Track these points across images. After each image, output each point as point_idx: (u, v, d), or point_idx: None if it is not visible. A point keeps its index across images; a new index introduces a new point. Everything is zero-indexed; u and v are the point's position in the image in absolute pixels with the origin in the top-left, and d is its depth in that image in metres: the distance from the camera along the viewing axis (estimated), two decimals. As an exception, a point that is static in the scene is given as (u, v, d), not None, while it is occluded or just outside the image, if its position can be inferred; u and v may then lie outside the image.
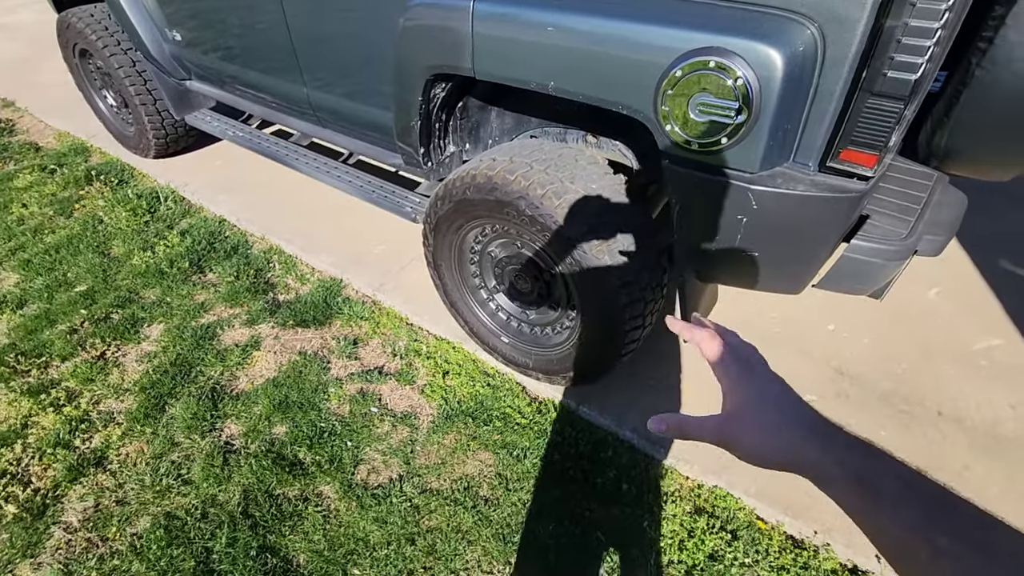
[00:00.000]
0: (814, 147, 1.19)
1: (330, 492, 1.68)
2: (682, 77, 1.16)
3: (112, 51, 2.82)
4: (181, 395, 1.94)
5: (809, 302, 2.23)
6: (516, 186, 1.52)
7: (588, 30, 1.26)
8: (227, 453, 1.77)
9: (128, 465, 1.73)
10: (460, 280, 1.96)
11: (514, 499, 1.67)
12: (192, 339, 2.15)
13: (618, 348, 1.64)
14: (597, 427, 1.85)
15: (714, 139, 1.19)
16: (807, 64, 1.09)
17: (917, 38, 1.00)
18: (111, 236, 2.70)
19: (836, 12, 1.04)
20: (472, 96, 1.89)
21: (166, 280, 2.44)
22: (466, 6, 1.43)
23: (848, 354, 2.03)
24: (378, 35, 1.77)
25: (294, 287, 2.46)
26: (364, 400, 1.95)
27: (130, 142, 3.30)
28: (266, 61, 2.31)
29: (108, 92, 3.27)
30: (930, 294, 2.26)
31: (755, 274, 1.40)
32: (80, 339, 2.15)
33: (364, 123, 2.13)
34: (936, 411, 1.85)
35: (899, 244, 1.29)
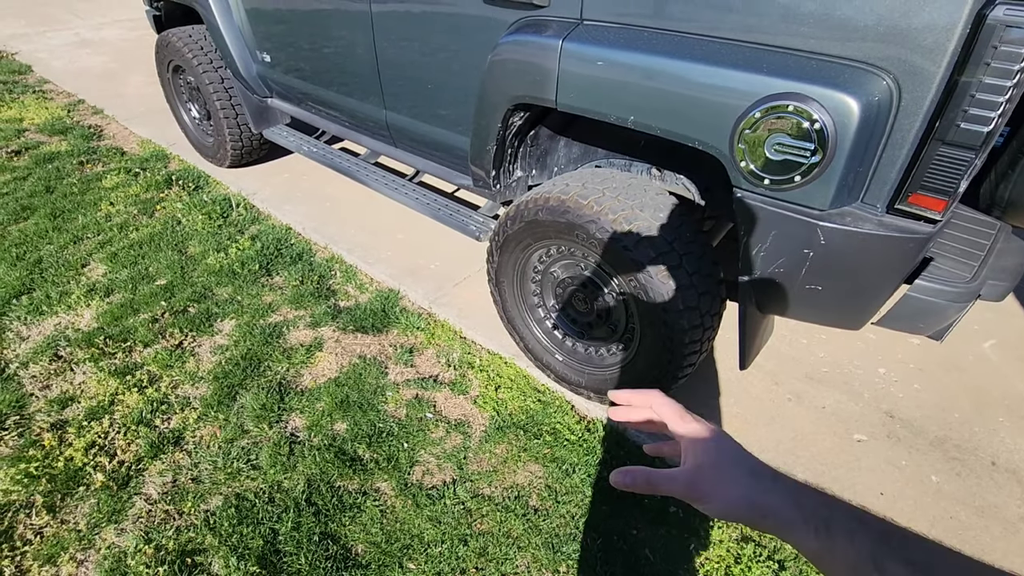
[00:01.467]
0: (884, 190, 1.26)
1: (387, 489, 1.76)
2: (761, 118, 1.25)
3: (205, 68, 3.08)
4: (251, 387, 2.06)
5: (860, 345, 2.26)
6: (588, 210, 1.62)
7: (671, 71, 1.37)
8: (292, 444, 1.87)
9: (202, 447, 1.85)
10: (520, 297, 2.06)
11: (563, 511, 1.72)
12: (261, 336, 2.28)
13: (674, 372, 1.70)
14: (645, 449, 1.89)
15: (788, 176, 1.27)
16: (882, 112, 1.18)
17: (991, 94, 1.08)
18: (188, 236, 2.90)
19: (913, 65, 1.13)
20: (544, 125, 2.02)
21: (237, 280, 2.60)
22: (555, 44, 1.57)
23: (899, 398, 2.04)
24: (465, 66, 1.92)
25: (354, 295, 2.59)
26: (420, 405, 2.03)
27: (208, 151, 3.55)
28: (349, 83, 2.50)
29: (193, 105, 3.54)
30: (984, 346, 2.26)
31: (817, 307, 1.45)
32: (160, 328, 2.30)
33: (438, 145, 2.28)
34: (990, 461, 1.84)
35: (962, 287, 1.33)
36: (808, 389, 2.08)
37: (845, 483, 1.77)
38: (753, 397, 2.05)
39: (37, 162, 3.55)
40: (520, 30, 1.68)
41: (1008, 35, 1.03)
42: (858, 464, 1.82)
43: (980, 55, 1.06)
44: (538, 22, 1.66)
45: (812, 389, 2.08)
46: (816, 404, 2.02)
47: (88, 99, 4.57)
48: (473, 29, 1.84)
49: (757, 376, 2.13)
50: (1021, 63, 1.04)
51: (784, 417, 1.98)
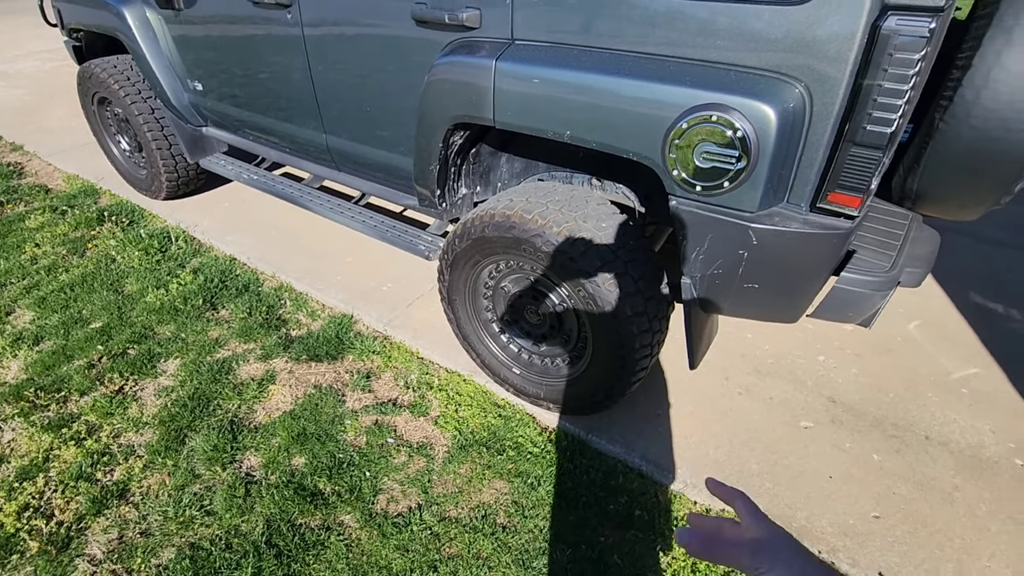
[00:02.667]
0: (805, 190, 1.34)
1: (351, 521, 1.72)
2: (688, 128, 1.31)
3: (133, 99, 2.96)
4: (200, 428, 1.97)
5: (800, 335, 2.37)
6: (533, 224, 1.65)
7: (602, 87, 1.42)
8: (248, 484, 1.80)
9: (150, 497, 1.75)
10: (473, 313, 2.06)
11: (531, 526, 1.72)
12: (209, 373, 2.20)
13: (628, 376, 1.74)
14: (607, 455, 1.93)
15: (717, 182, 1.33)
16: (797, 118, 1.26)
17: (891, 97, 1.16)
18: (124, 274, 2.76)
19: (821, 73, 1.21)
20: (485, 143, 2.04)
21: (180, 316, 2.49)
22: (488, 64, 1.59)
23: (839, 383, 2.15)
24: (402, 88, 1.93)
25: (305, 323, 2.53)
26: (380, 431, 2.00)
27: (141, 184, 3.41)
28: (287, 110, 2.45)
29: (123, 137, 3.39)
30: (910, 327, 2.42)
31: (755, 305, 1.52)
32: (98, 374, 2.18)
33: (381, 167, 2.26)
34: (924, 436, 1.96)
35: (884, 276, 1.43)
36: (757, 382, 2.16)
37: (796, 470, 1.84)
38: (706, 394, 2.12)
39: (-50, 206, 3.32)
40: (454, 51, 1.70)
41: (900, 42, 1.12)
42: (806, 450, 1.90)
43: (878, 62, 1.15)
44: (471, 43, 1.68)
45: (760, 381, 2.17)
46: (765, 396, 2.11)
47: (5, 135, 4.31)
48: (408, 51, 1.85)
49: (708, 373, 2.20)
50: (915, 68, 1.13)
51: (736, 411, 2.05)
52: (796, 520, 1.70)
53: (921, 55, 1.12)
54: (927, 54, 1.13)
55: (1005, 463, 1.86)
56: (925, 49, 1.11)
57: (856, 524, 1.69)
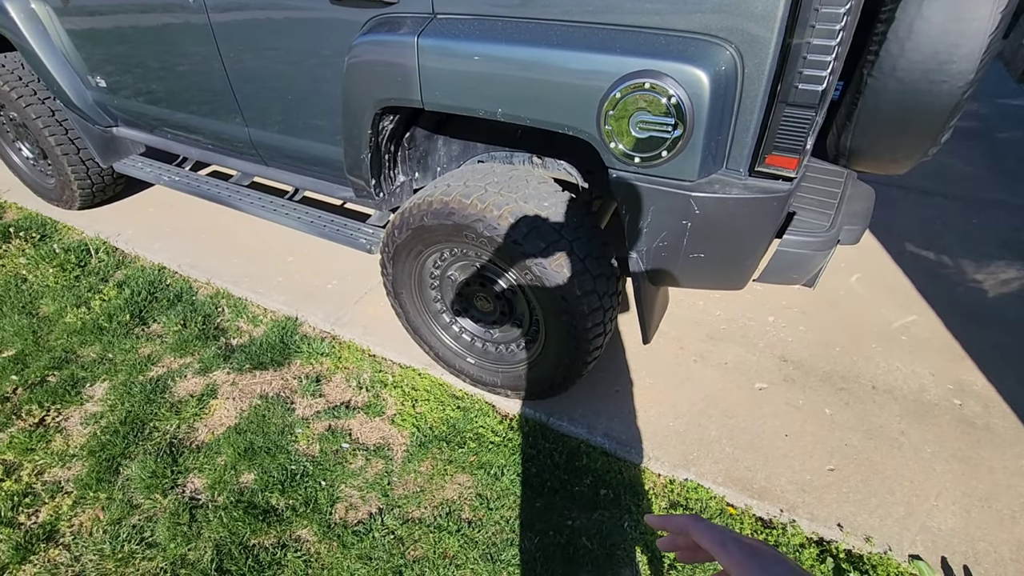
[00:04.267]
0: (743, 155, 1.32)
1: (308, 535, 1.64)
2: (621, 98, 1.26)
3: (28, 101, 2.69)
4: (136, 454, 1.83)
5: (749, 298, 2.40)
6: (472, 209, 1.57)
7: (530, 59, 1.35)
8: (193, 509, 1.68)
9: (83, 536, 1.62)
10: (422, 306, 1.98)
11: (497, 517, 1.68)
12: (141, 394, 2.04)
13: (583, 356, 1.70)
14: (569, 437, 1.90)
15: (655, 152, 1.29)
16: (730, 81, 1.22)
17: (820, 54, 1.14)
18: (38, 295, 2.53)
19: (750, 34, 1.18)
20: (419, 126, 1.94)
21: (106, 336, 2.31)
22: (410, 41, 1.49)
23: (789, 342, 2.20)
24: (322, 72, 1.80)
25: (247, 330, 2.39)
26: (334, 437, 1.91)
27: (51, 194, 3.12)
28: (202, 103, 2.27)
29: (23, 144, 3.09)
30: (851, 280, 2.49)
31: (703, 274, 1.51)
32: (14, 407, 1.99)
33: (311, 159, 2.13)
34: (871, 386, 2.02)
35: (824, 235, 1.43)
36: (711, 348, 2.18)
37: (754, 432, 1.87)
38: (663, 365, 2.12)
39: None
40: (373, 29, 1.59)
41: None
42: (762, 411, 1.93)
43: (805, 19, 1.12)
44: (391, 20, 1.57)
45: (714, 347, 2.19)
46: (720, 361, 2.13)
47: None
48: (323, 32, 1.72)
49: (664, 344, 2.20)
50: (841, 23, 1.11)
51: (693, 379, 2.06)
52: (756, 481, 1.73)
53: (847, 8, 1.09)
54: (852, 7, 1.11)
55: (945, 405, 1.95)
56: (850, 3, 1.09)
57: (813, 479, 1.73)
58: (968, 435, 1.85)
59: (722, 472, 1.76)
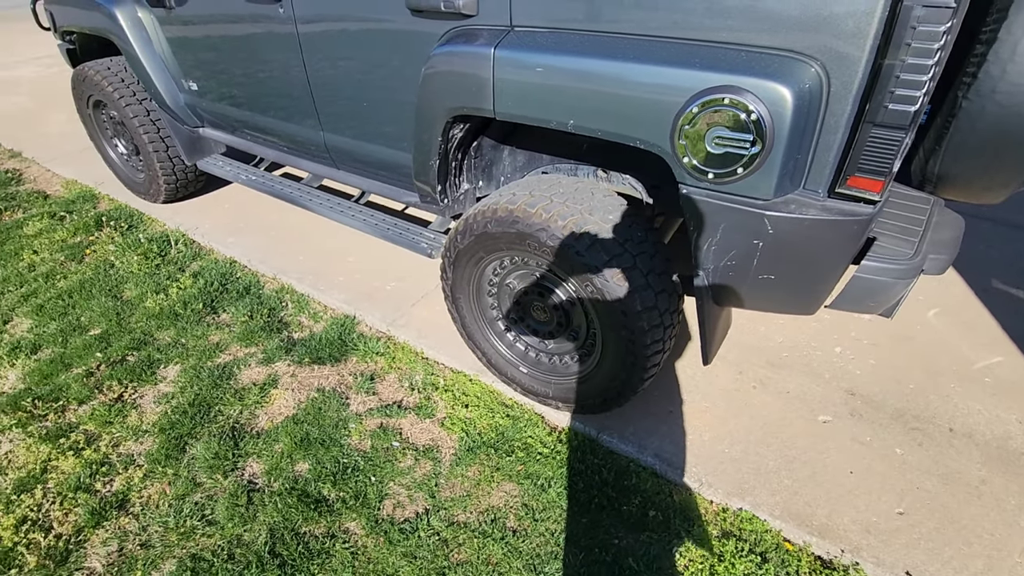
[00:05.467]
0: (823, 174, 1.27)
1: (357, 528, 1.67)
2: (698, 113, 1.24)
3: (128, 101, 2.92)
4: (201, 435, 1.93)
5: (815, 326, 2.30)
6: (537, 218, 1.59)
7: (606, 72, 1.35)
8: (250, 492, 1.75)
9: (151, 507, 1.71)
10: (478, 312, 2.01)
11: (542, 529, 1.67)
12: (209, 379, 2.15)
13: (640, 373, 1.68)
14: (618, 454, 1.87)
15: (730, 168, 1.27)
16: (814, 99, 1.19)
17: (914, 74, 1.10)
18: (123, 280, 2.72)
19: (839, 52, 1.14)
20: (486, 136, 1.98)
21: (180, 321, 2.45)
22: (487, 53, 1.53)
23: (857, 375, 2.09)
24: (398, 81, 1.87)
25: (308, 325, 2.49)
26: (385, 435, 1.95)
27: (140, 188, 3.37)
28: (283, 108, 2.40)
29: (119, 141, 3.36)
30: (929, 315, 2.34)
31: (772, 296, 1.46)
32: (97, 382, 2.14)
33: (381, 164, 2.21)
34: (947, 428, 1.89)
35: (907, 263, 1.36)
36: (771, 375, 2.10)
37: (816, 466, 1.78)
38: (720, 389, 2.06)
39: (-52, 215, 3.29)
40: (451, 41, 1.64)
41: (924, 15, 1.05)
42: (826, 446, 1.84)
43: (901, 37, 1.08)
44: (468, 31, 1.62)
45: (775, 375, 2.10)
46: (781, 389, 2.04)
47: (4, 142, 4.28)
48: (403, 43, 1.79)
49: (721, 368, 2.14)
50: (940, 42, 1.07)
51: (752, 406, 1.99)
52: (817, 518, 1.64)
53: (946, 28, 1.05)
54: (952, 27, 1.06)
55: (1033, 455, 1.79)
56: (951, 21, 1.05)
57: (880, 521, 1.63)
58: (1059, 490, 1.69)
59: (780, 505, 1.68)
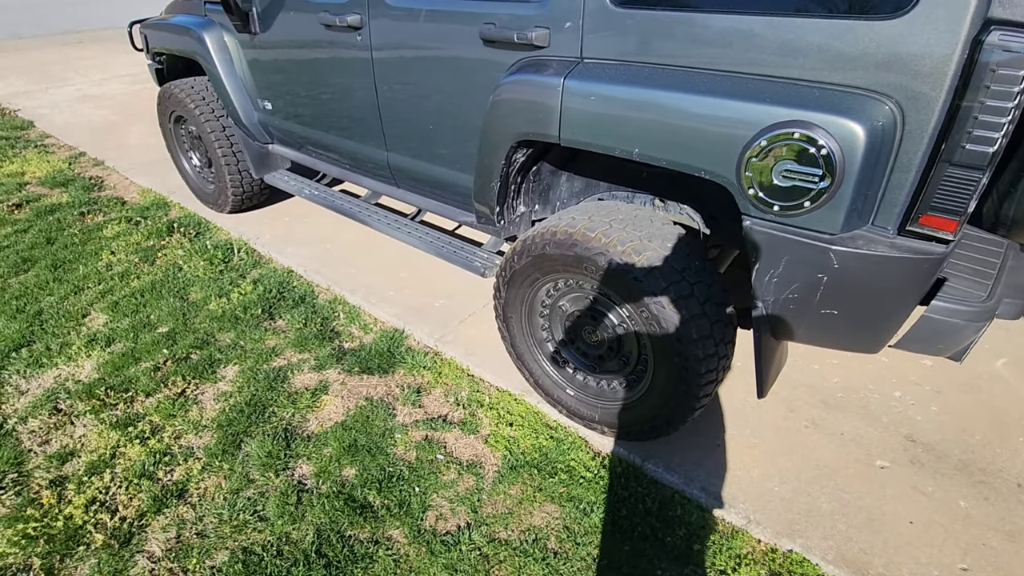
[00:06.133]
0: (894, 212, 1.27)
1: (400, 536, 1.69)
2: (767, 146, 1.27)
3: (207, 118, 3.13)
4: (256, 434, 2.01)
5: (872, 368, 2.24)
6: (597, 243, 1.62)
7: (676, 105, 1.40)
8: (300, 492, 1.81)
9: (207, 499, 1.78)
10: (529, 332, 2.04)
11: (583, 553, 1.65)
12: (265, 381, 2.24)
13: (691, 402, 1.67)
14: (664, 484, 1.84)
15: (797, 202, 1.28)
16: (887, 136, 1.20)
17: (993, 115, 1.09)
18: (190, 283, 2.88)
19: (915, 91, 1.15)
20: (546, 161, 2.04)
21: (240, 325, 2.57)
22: (556, 83, 1.60)
23: (918, 421, 2.01)
24: (466, 106, 1.96)
25: (358, 336, 2.56)
26: (430, 447, 1.98)
27: (209, 198, 3.58)
28: (350, 127, 2.53)
29: (194, 153, 3.59)
30: (998, 364, 2.24)
31: (833, 332, 1.44)
32: (163, 376, 2.26)
33: (441, 184, 2.30)
34: (1016, 483, 1.79)
35: (979, 306, 1.33)
36: (825, 416, 2.04)
37: (873, 512, 1.71)
38: (769, 426, 2.01)
39: (38, 214, 3.56)
40: (521, 70, 1.72)
41: (1005, 59, 1.05)
42: (883, 492, 1.77)
43: (980, 79, 1.09)
44: (539, 62, 1.70)
45: (829, 415, 2.04)
46: (835, 431, 1.98)
47: (89, 151, 4.62)
48: (474, 71, 1.88)
49: (772, 404, 2.09)
50: (1020, 84, 1.06)
51: (803, 446, 1.93)
52: (873, 567, 1.57)
53: (1029, 70, 1.05)
54: (1034, 68, 1.06)
55: (1113, 520, 1.68)
56: (1033, 63, 1.05)
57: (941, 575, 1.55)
58: None
59: (833, 549, 1.62)
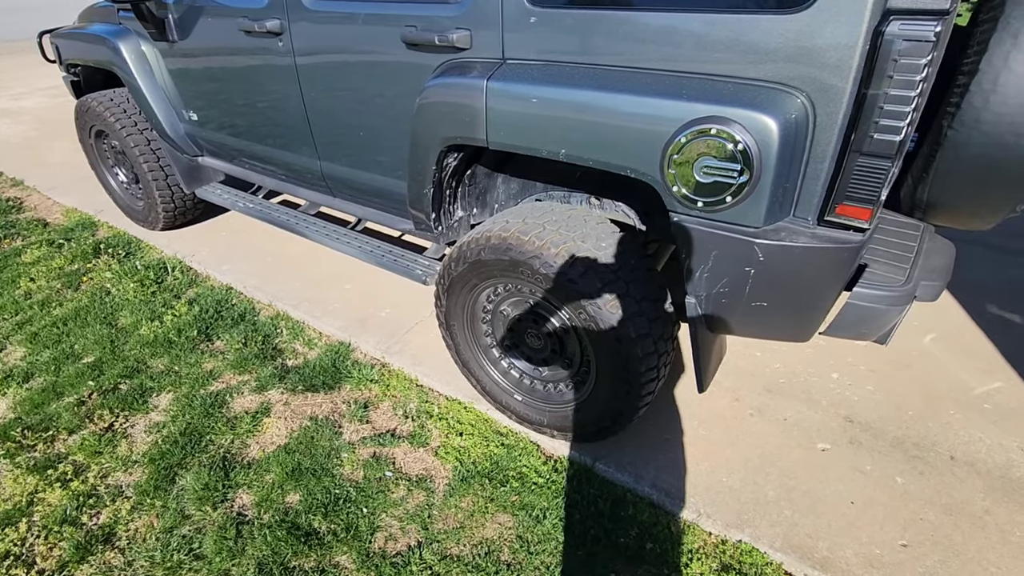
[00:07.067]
0: (812, 203, 1.28)
1: (347, 562, 1.63)
2: (687, 143, 1.26)
3: (129, 131, 2.96)
4: (191, 465, 1.90)
5: (811, 352, 2.29)
6: (530, 246, 1.59)
7: (596, 103, 1.38)
8: (240, 524, 1.72)
9: (138, 541, 1.67)
10: (473, 339, 2.00)
11: (537, 562, 1.63)
12: (201, 407, 2.13)
13: (634, 401, 1.66)
14: (615, 484, 1.84)
15: (719, 197, 1.28)
16: (800, 129, 1.21)
17: (898, 104, 1.11)
18: (119, 307, 2.72)
19: (823, 83, 1.16)
20: (480, 164, 2.00)
21: (174, 349, 2.44)
22: (480, 84, 1.56)
23: (855, 402, 2.07)
24: (394, 111, 1.90)
25: (302, 352, 2.47)
26: (378, 464, 1.92)
27: (139, 215, 3.39)
28: (280, 137, 2.43)
29: (120, 169, 3.39)
30: (926, 341, 2.33)
31: (764, 323, 1.45)
32: (88, 411, 2.12)
33: (376, 192, 2.23)
34: (949, 456, 1.86)
35: (899, 290, 1.36)
36: (769, 402, 2.08)
37: (817, 495, 1.75)
38: (717, 416, 2.03)
39: (-53, 243, 3.31)
40: (445, 72, 1.68)
41: (905, 48, 1.07)
42: (826, 475, 1.81)
43: (883, 69, 1.10)
44: (462, 64, 1.65)
45: (772, 401, 2.08)
46: (778, 417, 2.02)
47: (6, 171, 4.33)
48: (399, 75, 1.83)
49: (718, 394, 2.12)
50: (921, 74, 1.09)
51: (749, 434, 1.96)
52: (819, 550, 1.61)
53: (927, 60, 1.07)
54: (933, 59, 1.08)
55: (1037, 483, 1.76)
56: (932, 54, 1.07)
57: (883, 554, 1.59)
58: (1065, 520, 1.66)
59: (780, 536, 1.64)
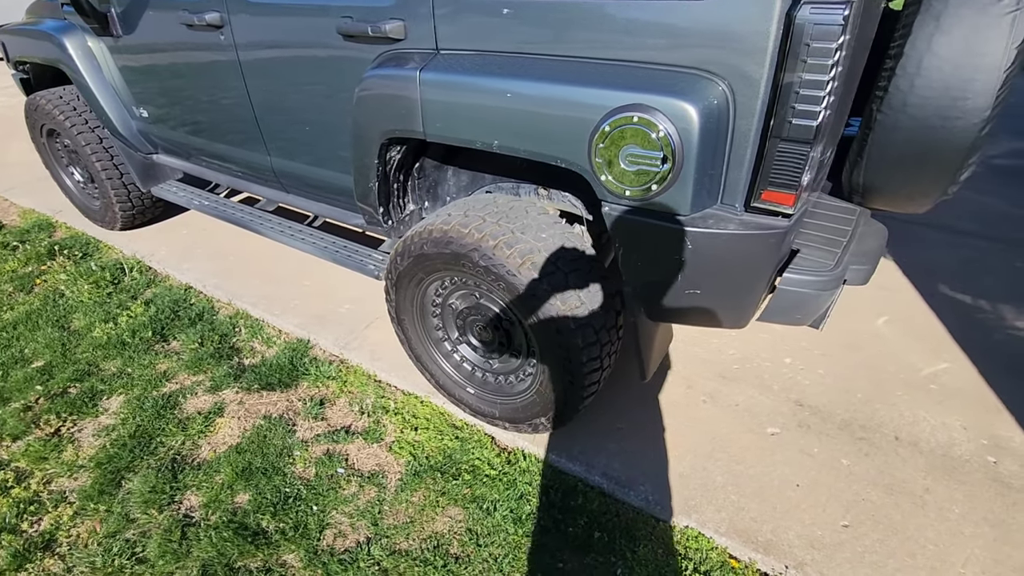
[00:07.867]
0: (738, 189, 1.28)
1: (294, 561, 1.62)
2: (611, 132, 1.25)
3: (80, 130, 2.89)
4: (139, 468, 1.88)
5: (766, 337, 2.31)
6: (470, 239, 1.58)
7: (524, 93, 1.36)
8: (185, 527, 1.70)
9: (79, 547, 1.65)
10: (424, 333, 1.99)
11: (485, 554, 1.63)
12: (152, 409, 2.10)
13: (579, 391, 1.66)
14: (567, 474, 1.84)
15: (645, 186, 1.28)
16: (721, 115, 1.20)
17: (813, 89, 1.11)
18: (72, 309, 2.67)
19: (740, 69, 1.16)
20: (428, 157, 1.98)
21: (127, 351, 2.40)
22: (413, 76, 1.54)
23: (806, 386, 2.09)
24: (336, 105, 1.87)
25: (260, 350, 2.45)
26: (330, 461, 1.91)
27: (96, 215, 3.33)
28: (231, 133, 2.39)
29: (75, 169, 3.32)
30: (878, 323, 2.36)
31: (700, 311, 1.46)
32: (34, 416, 2.08)
33: (326, 187, 2.20)
34: (894, 437, 1.89)
35: (828, 275, 1.37)
36: (721, 388, 2.10)
37: (763, 480, 1.77)
38: (670, 404, 2.04)
39: None
40: (382, 64, 1.65)
41: (816, 32, 1.07)
42: (773, 459, 1.83)
43: (796, 54, 1.10)
44: (398, 55, 1.63)
45: (725, 388, 2.10)
46: (730, 402, 2.04)
47: (-39, 173, 4.22)
48: (338, 68, 1.80)
49: (671, 382, 2.13)
50: (834, 58, 1.09)
51: (700, 420, 1.98)
52: (762, 534, 1.62)
53: (838, 44, 1.07)
54: (845, 43, 1.08)
55: (977, 461, 1.80)
56: (842, 38, 1.07)
57: (824, 535, 1.62)
58: (1003, 496, 1.69)
59: (725, 521, 1.66)
